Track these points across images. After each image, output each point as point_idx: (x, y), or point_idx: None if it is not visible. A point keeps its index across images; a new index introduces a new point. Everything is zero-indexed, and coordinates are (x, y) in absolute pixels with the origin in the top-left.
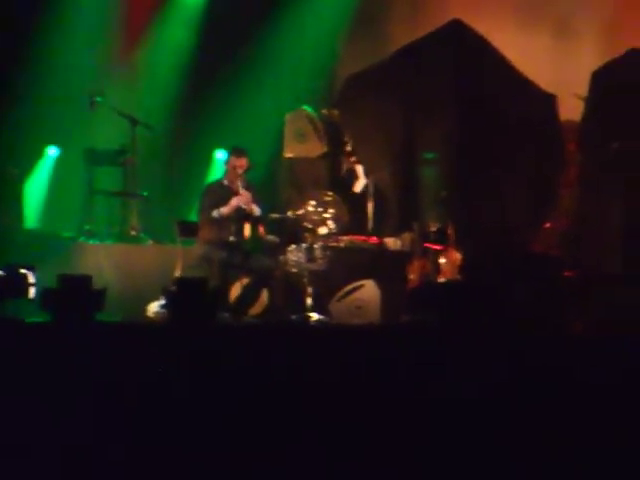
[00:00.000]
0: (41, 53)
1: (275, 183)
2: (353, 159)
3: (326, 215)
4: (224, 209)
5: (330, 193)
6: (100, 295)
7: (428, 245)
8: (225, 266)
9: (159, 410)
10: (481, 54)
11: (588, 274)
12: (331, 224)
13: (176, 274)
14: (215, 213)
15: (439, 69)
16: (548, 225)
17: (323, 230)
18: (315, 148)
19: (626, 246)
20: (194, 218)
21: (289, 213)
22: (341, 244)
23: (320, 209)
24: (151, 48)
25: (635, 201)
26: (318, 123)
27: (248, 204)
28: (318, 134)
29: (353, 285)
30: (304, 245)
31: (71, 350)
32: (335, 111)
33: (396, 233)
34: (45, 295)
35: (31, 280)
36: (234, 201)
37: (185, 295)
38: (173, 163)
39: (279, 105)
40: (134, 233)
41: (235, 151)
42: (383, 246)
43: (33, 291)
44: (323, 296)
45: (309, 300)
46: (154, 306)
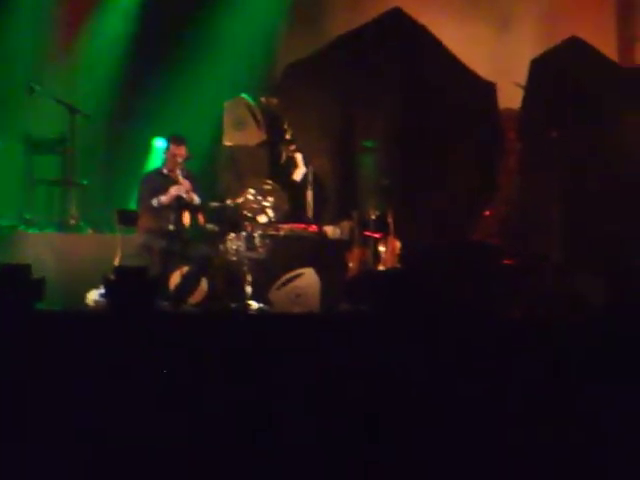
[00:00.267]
0: None
1: (214, 171)
2: (292, 147)
3: (265, 203)
4: (163, 198)
5: (269, 181)
6: (40, 284)
7: (368, 233)
8: (165, 255)
9: (97, 399)
10: (421, 42)
11: (527, 262)
12: (270, 212)
13: (116, 263)
14: (154, 202)
15: (378, 56)
16: (488, 213)
17: (263, 218)
18: (254, 136)
19: (565, 234)
20: (133, 207)
21: (228, 201)
22: (281, 232)
23: (260, 197)
24: (90, 37)
25: (574, 189)
26: (257, 111)
27: (188, 193)
28: (257, 122)
29: (293, 273)
30: (244, 233)
31: (10, 339)
32: (274, 99)
33: (335, 221)
34: None
35: None
36: (173, 190)
37: (124, 284)
38: (112, 152)
39: (218, 93)
40: (74, 222)
41: (174, 139)
42: (322, 234)
43: None
44: (263, 284)
45: (249, 288)
46: (94, 295)
